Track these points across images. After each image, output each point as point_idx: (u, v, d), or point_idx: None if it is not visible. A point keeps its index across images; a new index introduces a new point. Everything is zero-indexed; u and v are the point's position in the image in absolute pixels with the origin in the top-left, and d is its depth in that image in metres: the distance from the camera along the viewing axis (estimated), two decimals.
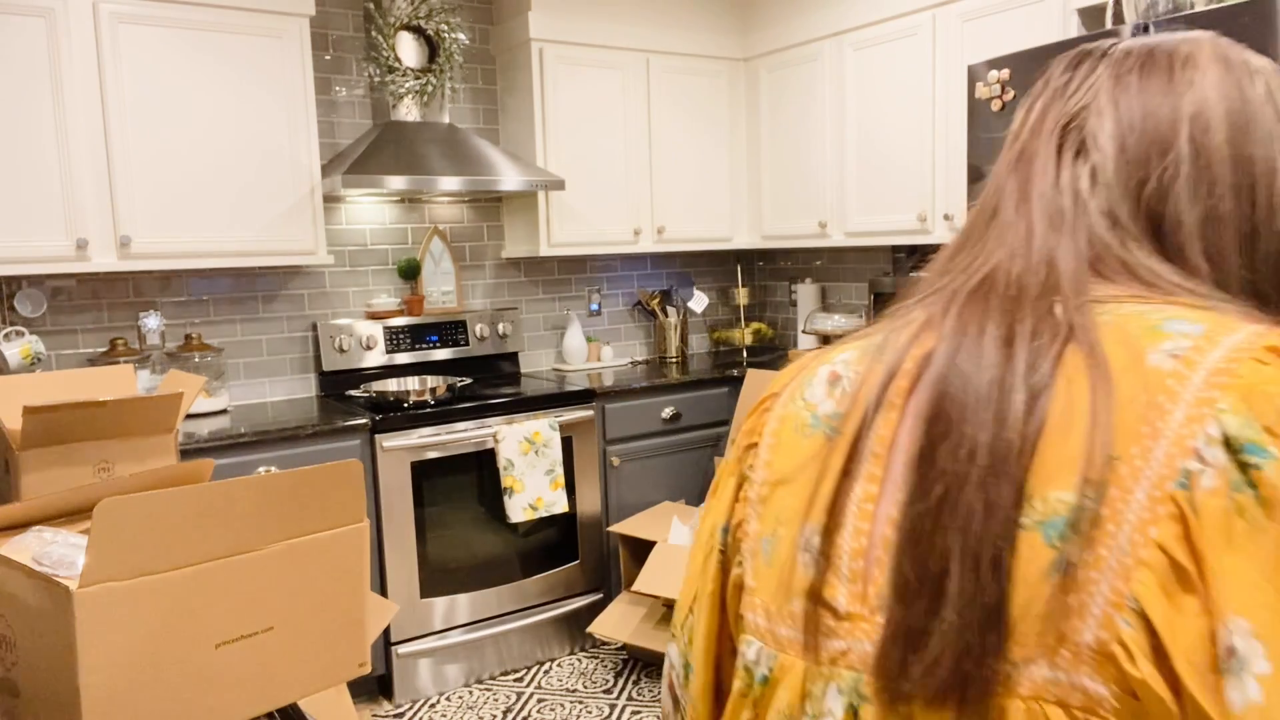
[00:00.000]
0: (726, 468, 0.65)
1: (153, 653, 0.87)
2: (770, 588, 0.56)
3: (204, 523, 0.89)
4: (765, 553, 0.57)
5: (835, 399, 0.59)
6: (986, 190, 0.62)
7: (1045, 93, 0.62)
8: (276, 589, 0.95)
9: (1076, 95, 0.59)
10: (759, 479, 0.60)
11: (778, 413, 0.62)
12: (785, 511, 0.57)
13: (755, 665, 0.56)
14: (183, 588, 0.88)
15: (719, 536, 0.62)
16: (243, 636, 0.93)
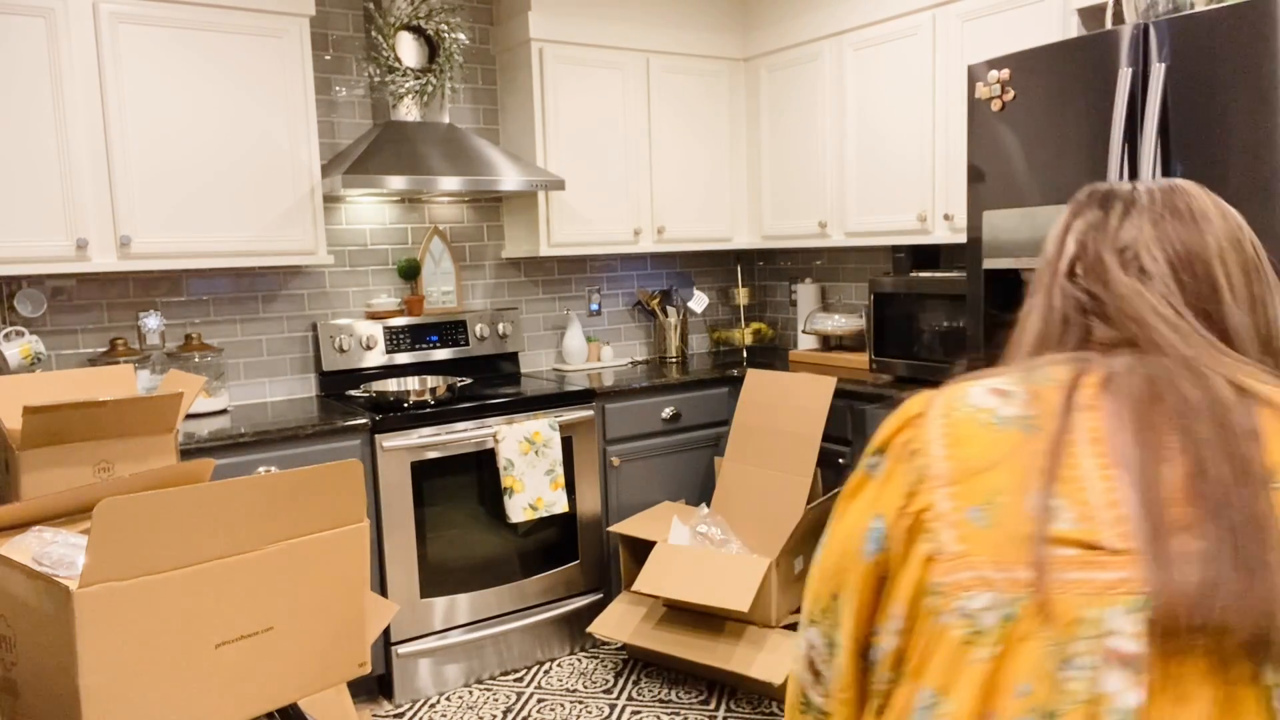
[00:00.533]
0: (884, 476, 0.77)
1: (153, 653, 0.87)
2: (993, 544, 0.67)
3: (204, 523, 0.89)
4: (978, 520, 0.68)
5: (1018, 406, 0.74)
6: (1041, 290, 0.86)
7: (1082, 224, 0.86)
8: (276, 589, 0.95)
9: (1124, 231, 0.82)
10: (942, 471, 0.72)
11: (938, 423, 0.75)
12: (999, 486, 0.69)
13: (986, 610, 0.66)
14: (183, 588, 0.88)
15: (874, 528, 0.75)
16: (243, 636, 0.92)
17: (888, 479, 0.76)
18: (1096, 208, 0.86)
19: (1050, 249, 0.88)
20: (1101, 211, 0.85)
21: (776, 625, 2.91)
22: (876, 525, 0.75)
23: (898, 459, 0.76)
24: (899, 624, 0.72)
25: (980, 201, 2.54)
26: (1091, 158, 2.24)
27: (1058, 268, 0.86)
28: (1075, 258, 0.84)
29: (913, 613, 0.70)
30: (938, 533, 0.70)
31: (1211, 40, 2.00)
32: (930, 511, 0.71)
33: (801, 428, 3.24)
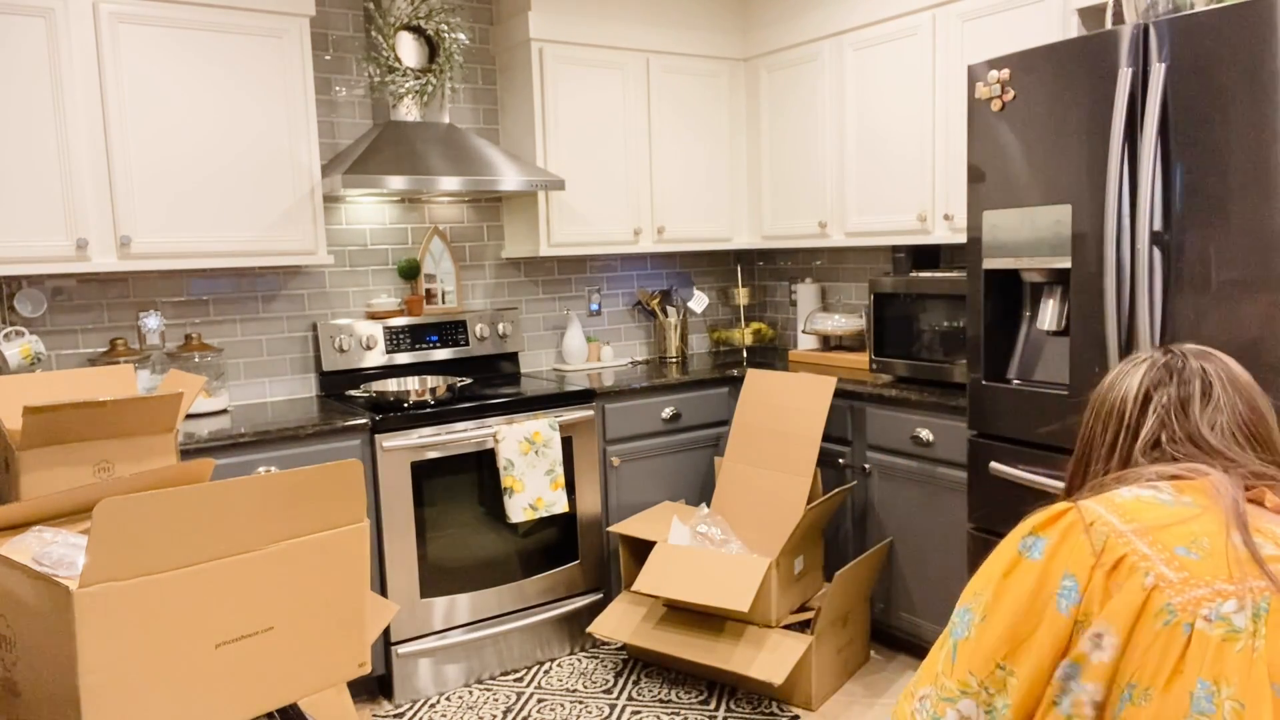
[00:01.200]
0: (1051, 551, 0.91)
1: (153, 653, 0.86)
2: (1215, 569, 0.85)
3: (204, 523, 0.89)
4: (1190, 555, 0.87)
5: (1175, 495, 0.94)
6: (1117, 454, 1.06)
7: (1163, 401, 1.04)
8: (276, 589, 0.95)
9: (1205, 417, 1.03)
10: (1128, 529, 0.89)
11: (1101, 508, 0.93)
12: (1200, 532, 0.88)
13: (1236, 613, 0.83)
14: (183, 588, 0.88)
15: (1067, 586, 0.88)
16: (243, 636, 0.92)
17: (1056, 551, 0.90)
18: (1173, 386, 1.05)
19: (1130, 414, 1.06)
20: (1180, 390, 1.04)
21: (776, 625, 2.91)
22: (1068, 584, 0.88)
23: (1065, 534, 0.90)
24: (1112, 653, 0.85)
25: (980, 201, 2.54)
26: (1091, 158, 2.24)
27: (1138, 438, 1.04)
28: (1157, 433, 1.03)
29: (1133, 637, 0.84)
30: (1153, 568, 0.86)
31: (1211, 40, 2.00)
32: (1134, 555, 0.87)
33: (801, 428, 3.24)
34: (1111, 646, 0.86)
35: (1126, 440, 1.05)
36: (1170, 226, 2.10)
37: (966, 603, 0.95)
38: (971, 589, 0.96)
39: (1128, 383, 1.08)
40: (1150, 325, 2.13)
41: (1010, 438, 2.50)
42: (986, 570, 0.96)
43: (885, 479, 3.17)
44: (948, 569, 2.98)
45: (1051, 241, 2.36)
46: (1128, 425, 1.05)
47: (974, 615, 0.94)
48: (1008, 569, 0.93)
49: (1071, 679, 0.87)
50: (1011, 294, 2.59)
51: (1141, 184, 2.12)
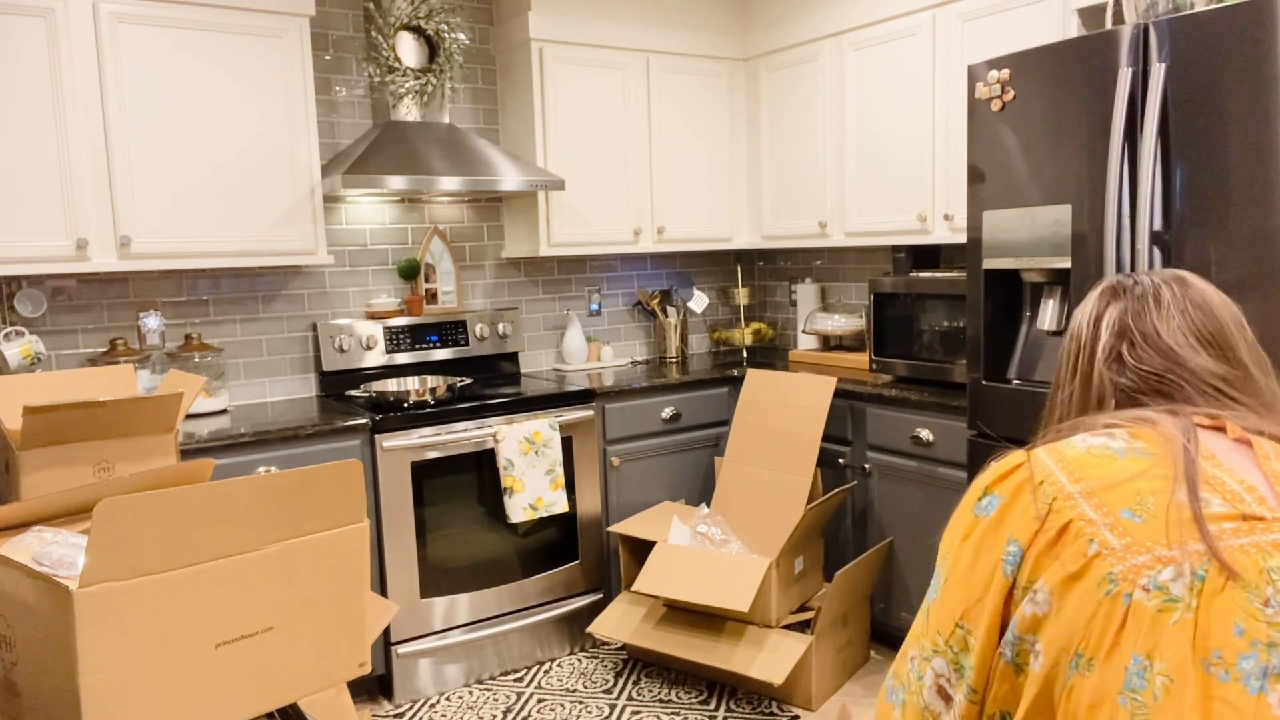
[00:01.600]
0: (1000, 511, 0.91)
1: (153, 653, 0.86)
2: (1157, 532, 0.82)
3: (204, 523, 0.89)
4: (1133, 518, 0.84)
5: (1124, 441, 0.92)
6: (1080, 374, 1.07)
7: (1115, 314, 1.06)
8: (276, 589, 0.95)
9: (1161, 322, 1.04)
10: (1075, 490, 0.87)
11: (1050, 462, 0.92)
12: (1145, 490, 0.85)
13: (1173, 581, 0.80)
14: (183, 588, 0.88)
15: (1010, 551, 0.88)
16: (243, 636, 0.92)
17: (1006, 512, 0.90)
18: (1124, 300, 1.07)
19: (1085, 334, 1.08)
20: (1132, 304, 1.06)
21: (776, 625, 2.91)
22: (1011, 549, 0.88)
23: (1015, 495, 0.91)
24: (1045, 609, 0.84)
25: (980, 201, 2.54)
26: (1091, 158, 2.24)
27: (1095, 353, 1.06)
28: (1113, 345, 1.05)
29: (1072, 602, 0.83)
30: (1097, 534, 0.84)
31: (1211, 40, 2.00)
32: (1080, 521, 0.85)
33: (801, 428, 3.24)
34: (1045, 602, 0.85)
35: (1085, 360, 1.06)
36: (1170, 226, 2.10)
37: (937, 564, 0.98)
38: (940, 550, 0.98)
39: (1084, 308, 1.11)
40: None
41: (1010, 438, 2.50)
42: (950, 531, 0.98)
43: (885, 479, 3.17)
44: None
45: (1051, 241, 2.36)
46: (1084, 343, 1.07)
47: (939, 577, 0.96)
48: (966, 532, 0.95)
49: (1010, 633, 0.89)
50: (1011, 294, 2.59)
51: (1141, 184, 2.12)
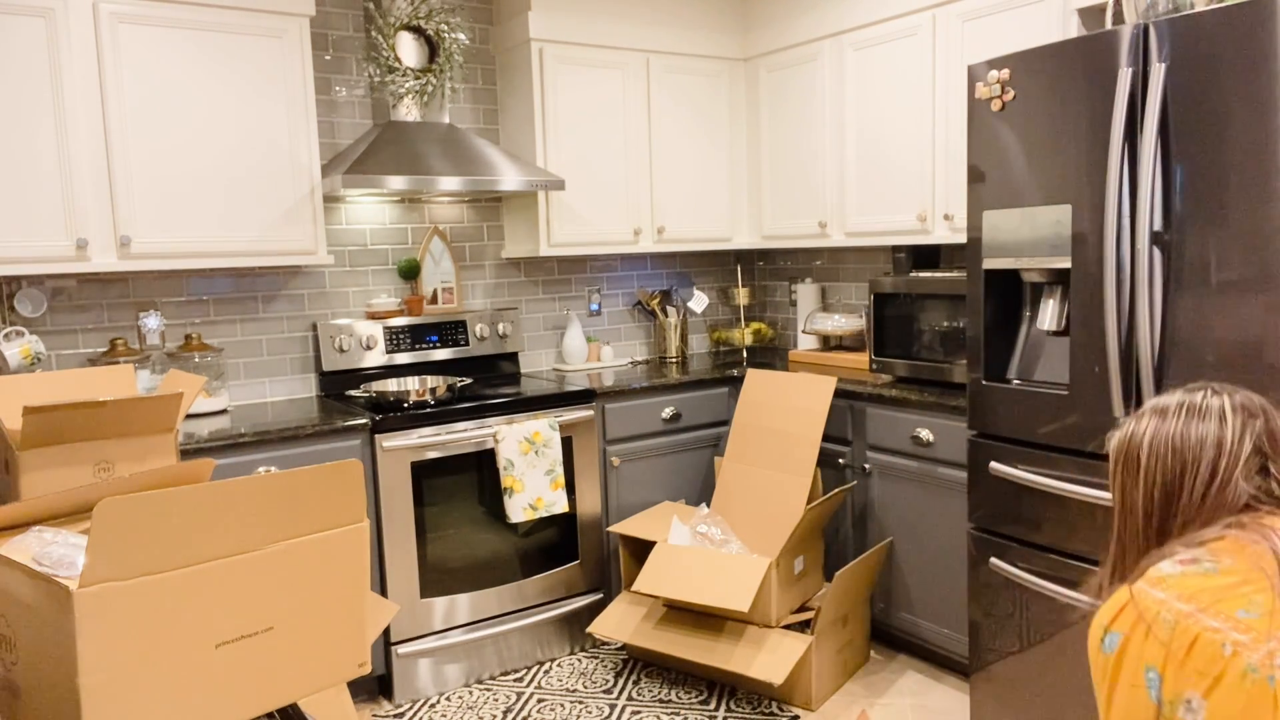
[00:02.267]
0: (1123, 644, 1.03)
1: (153, 653, 0.86)
2: (1274, 624, 0.94)
3: (204, 523, 0.89)
4: (1251, 615, 0.96)
5: (1216, 561, 1.04)
6: (1219, 478, 1.13)
7: (1257, 430, 1.16)
8: (276, 589, 0.95)
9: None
10: (1190, 610, 0.99)
11: (1153, 592, 1.03)
12: (1248, 595, 0.98)
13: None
14: (183, 588, 0.88)
15: (1151, 678, 0.99)
16: (243, 636, 0.92)
17: (1128, 644, 1.00)
18: (1259, 419, 1.18)
19: (1231, 446, 1.14)
20: (1264, 421, 1.17)
21: (776, 625, 2.91)
22: (1151, 675, 0.97)
23: (1134, 629, 1.01)
24: (1203, 714, 0.94)
25: (980, 201, 2.54)
26: (1091, 158, 2.24)
27: (1238, 461, 1.14)
28: (1259, 454, 1.15)
29: (1220, 701, 0.93)
30: (1226, 637, 0.94)
31: (1211, 40, 2.00)
32: (1207, 632, 0.94)
33: (802, 428, 3.24)
34: (1200, 708, 0.95)
35: (1226, 470, 1.13)
36: (1170, 226, 2.10)
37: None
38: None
39: (1207, 428, 1.16)
40: (1150, 325, 2.13)
41: (1010, 438, 2.50)
42: (1092, 673, 1.10)
43: (885, 479, 3.17)
44: (948, 569, 2.98)
45: (1051, 241, 2.36)
46: (1229, 456, 1.14)
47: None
48: (1110, 670, 1.05)
49: None
50: (1011, 294, 2.59)
51: (1141, 184, 2.12)
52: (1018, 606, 2.50)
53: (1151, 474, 1.16)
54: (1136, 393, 2.19)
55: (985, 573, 2.58)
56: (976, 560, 2.61)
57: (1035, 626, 2.45)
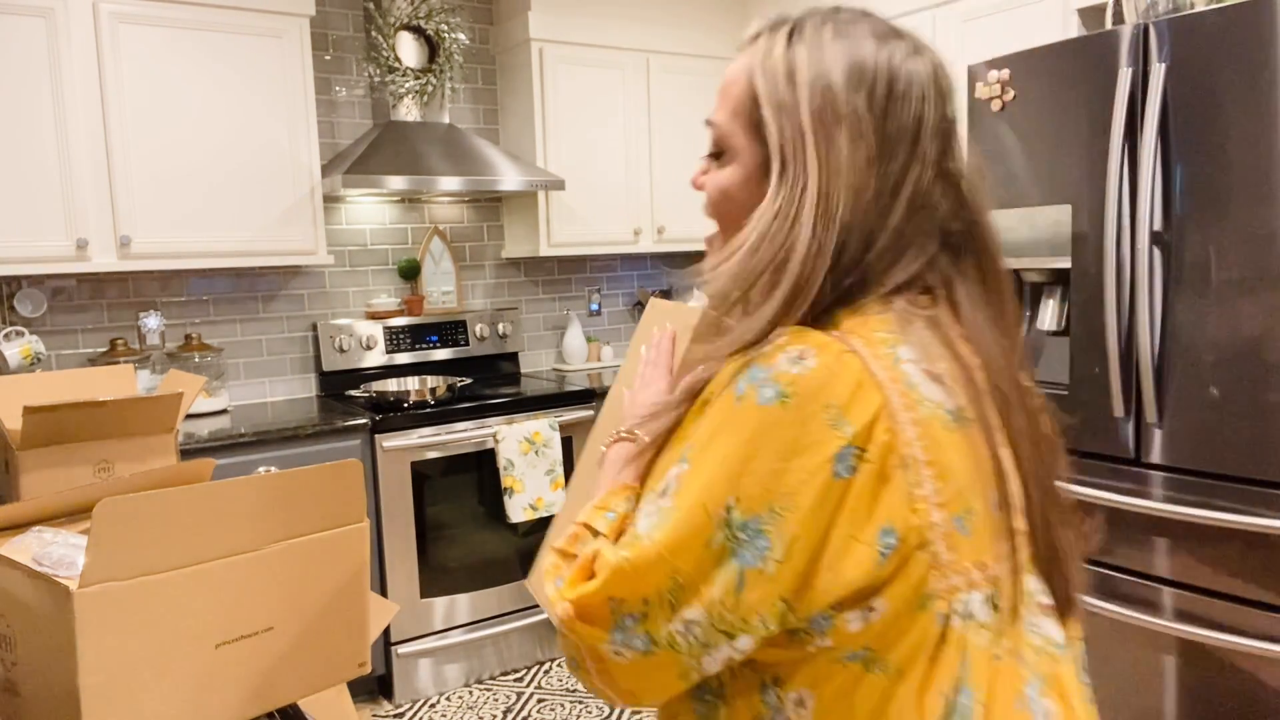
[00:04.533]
0: (876, 481, 0.70)
1: (153, 653, 0.86)
2: (980, 547, 0.73)
3: (204, 523, 0.89)
4: (961, 529, 0.72)
5: (951, 394, 0.74)
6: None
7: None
8: (276, 589, 0.95)
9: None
10: (932, 489, 0.71)
11: (907, 417, 0.71)
12: (971, 494, 0.73)
13: (981, 606, 0.72)
14: (183, 588, 0.88)
15: (888, 543, 0.70)
16: (243, 636, 0.92)
17: (881, 484, 0.70)
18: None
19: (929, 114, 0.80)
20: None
21: None
22: (889, 541, 0.69)
23: (887, 466, 0.70)
24: (876, 616, 0.71)
25: None
26: (1091, 158, 2.24)
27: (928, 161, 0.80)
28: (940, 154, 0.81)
29: (898, 612, 0.70)
30: (934, 543, 0.71)
31: (1211, 40, 2.00)
32: (930, 528, 0.71)
33: None
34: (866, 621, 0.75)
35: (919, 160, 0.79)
36: (1170, 226, 2.10)
37: None
38: None
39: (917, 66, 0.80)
40: (1150, 325, 2.13)
41: None
42: None
43: None
44: None
45: (1051, 241, 2.35)
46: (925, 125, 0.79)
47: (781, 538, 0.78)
48: (827, 493, 0.75)
49: None
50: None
51: (1141, 184, 2.12)
52: None
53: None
54: (1137, 393, 2.19)
55: None
56: None
57: None
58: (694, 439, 0.74)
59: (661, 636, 0.70)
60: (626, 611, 0.71)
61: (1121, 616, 2.21)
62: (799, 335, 0.73)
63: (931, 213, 0.79)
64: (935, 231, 0.79)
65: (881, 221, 0.77)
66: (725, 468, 0.70)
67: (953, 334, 0.77)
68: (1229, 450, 2.02)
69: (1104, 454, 2.26)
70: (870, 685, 0.71)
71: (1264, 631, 1.98)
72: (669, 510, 0.71)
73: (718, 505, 0.70)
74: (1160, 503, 2.14)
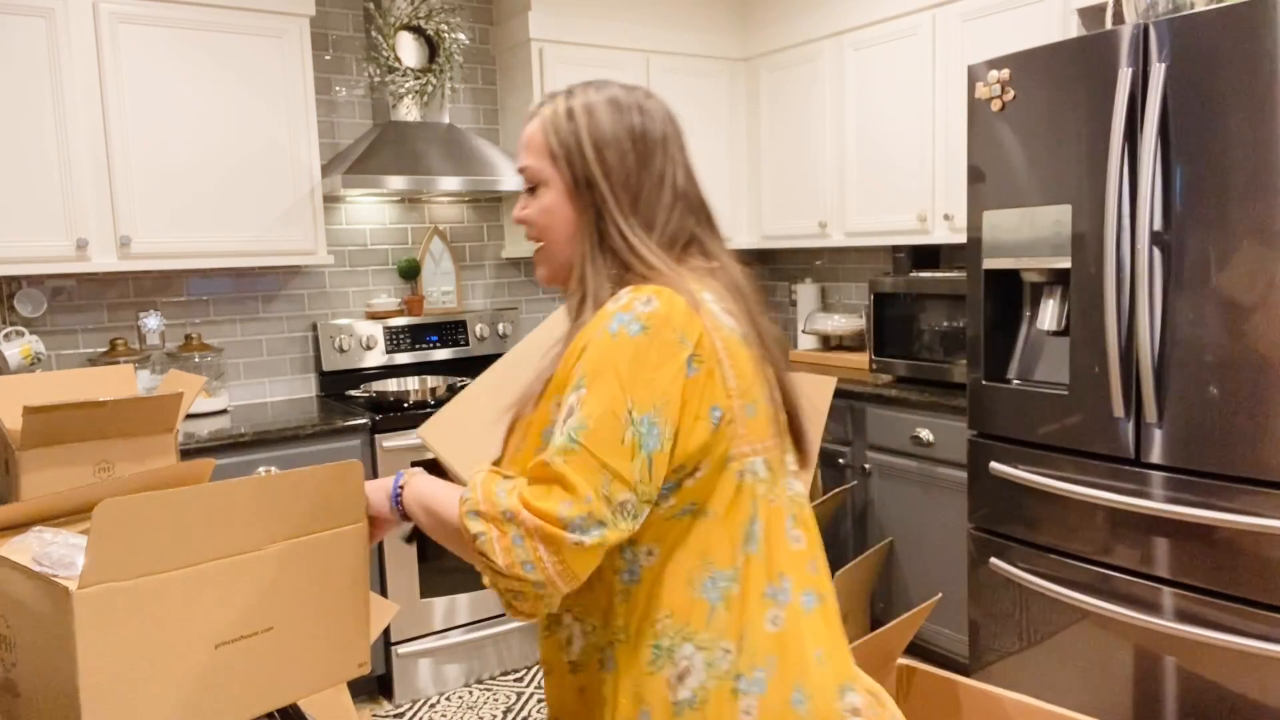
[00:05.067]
0: (706, 375, 1.01)
1: (153, 653, 0.86)
2: (761, 427, 1.06)
3: (204, 523, 0.89)
4: (749, 413, 1.05)
5: (739, 323, 1.07)
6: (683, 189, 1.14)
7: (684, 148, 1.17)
8: (276, 589, 0.95)
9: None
10: (734, 384, 1.03)
11: (718, 336, 1.03)
12: (754, 390, 1.06)
13: (763, 466, 1.06)
14: (183, 588, 0.88)
15: (715, 415, 1.02)
16: (242, 637, 0.92)
17: (709, 379, 1.01)
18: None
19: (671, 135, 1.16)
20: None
21: None
22: (716, 415, 1.02)
23: (712, 366, 1.01)
24: (701, 475, 1.02)
25: (980, 201, 2.54)
26: (1091, 158, 2.24)
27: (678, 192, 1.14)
28: (682, 169, 1.15)
29: (713, 472, 1.02)
30: (736, 421, 1.03)
31: (1211, 40, 2.00)
32: (734, 410, 1.03)
33: None
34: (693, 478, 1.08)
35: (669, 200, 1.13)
36: (1170, 226, 2.10)
37: None
38: None
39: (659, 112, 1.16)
40: (1150, 325, 2.13)
41: (1010, 438, 2.50)
42: None
43: (885, 479, 3.17)
44: (948, 569, 2.98)
45: (1051, 241, 2.36)
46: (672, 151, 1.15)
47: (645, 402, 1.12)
48: (676, 376, 1.10)
49: None
50: (1011, 294, 2.59)
51: (1141, 184, 2.12)
52: (1018, 606, 2.50)
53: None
54: (1137, 393, 2.19)
55: (985, 573, 2.58)
56: (976, 560, 2.61)
57: (1035, 626, 2.45)
58: (583, 374, 0.98)
59: (607, 520, 0.94)
60: (579, 512, 0.92)
61: (1121, 616, 2.21)
62: (639, 288, 1.02)
63: (689, 200, 1.13)
64: (692, 212, 1.13)
65: (657, 208, 1.10)
66: (619, 383, 0.96)
67: (728, 283, 1.10)
68: (1229, 450, 2.02)
69: (1104, 454, 2.26)
70: (698, 529, 1.02)
71: (1264, 632, 1.98)
72: (582, 423, 0.96)
73: (623, 410, 0.95)
74: (1160, 503, 2.14)
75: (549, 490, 0.93)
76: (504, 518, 0.93)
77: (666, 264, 1.07)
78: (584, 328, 1.03)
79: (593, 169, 1.09)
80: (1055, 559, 2.39)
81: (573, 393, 0.98)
